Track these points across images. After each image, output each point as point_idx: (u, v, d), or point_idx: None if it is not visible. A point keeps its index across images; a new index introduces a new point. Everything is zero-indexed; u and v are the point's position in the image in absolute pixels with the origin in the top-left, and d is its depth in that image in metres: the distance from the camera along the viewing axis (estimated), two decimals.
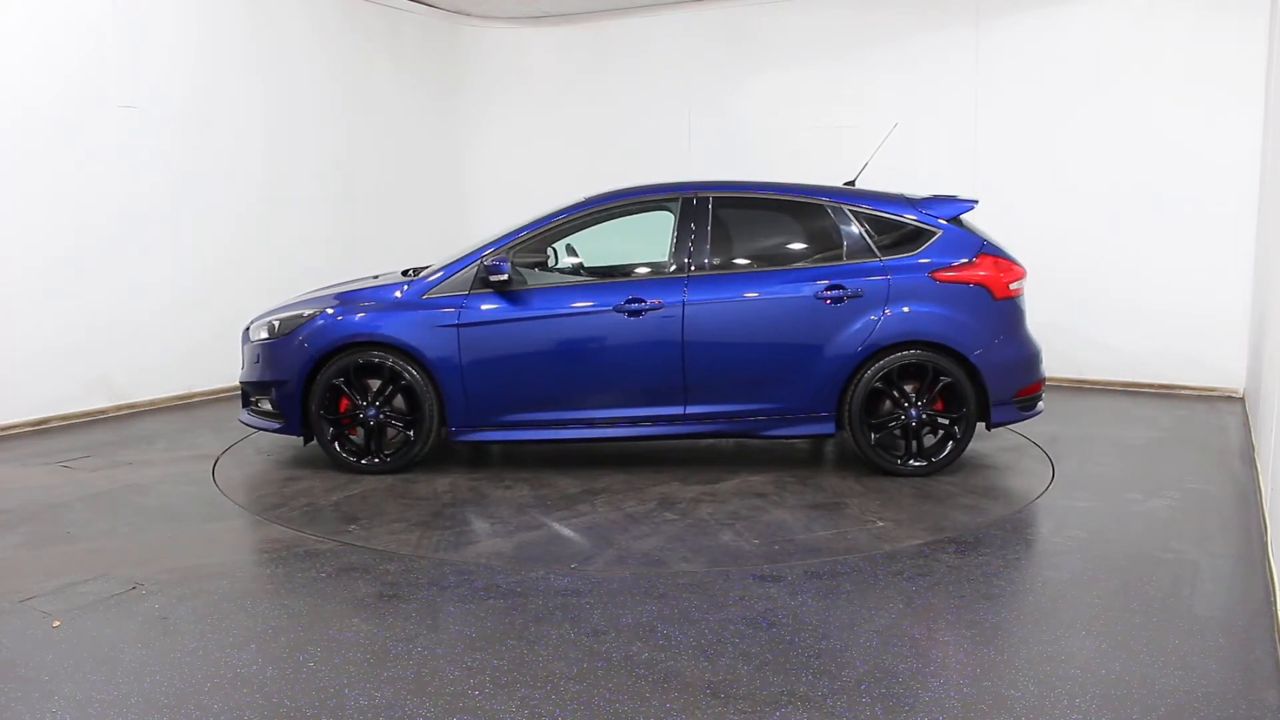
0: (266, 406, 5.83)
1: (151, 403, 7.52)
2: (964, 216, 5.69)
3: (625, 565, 4.18)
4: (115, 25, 7.09)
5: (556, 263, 6.09)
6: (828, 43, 9.01)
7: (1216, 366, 7.80)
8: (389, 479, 5.58)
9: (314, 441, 5.78)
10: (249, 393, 5.96)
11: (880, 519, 4.77)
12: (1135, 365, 8.10)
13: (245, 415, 5.97)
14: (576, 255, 6.12)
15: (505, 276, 5.47)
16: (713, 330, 5.50)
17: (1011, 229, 6.55)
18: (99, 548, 4.43)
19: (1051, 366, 5.77)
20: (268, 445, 6.35)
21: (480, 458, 6.13)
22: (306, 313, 5.77)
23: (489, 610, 3.70)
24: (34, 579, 4.02)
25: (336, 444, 5.67)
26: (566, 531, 4.70)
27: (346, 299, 5.82)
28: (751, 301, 5.51)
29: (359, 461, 5.67)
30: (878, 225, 5.58)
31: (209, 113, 7.79)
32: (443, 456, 6.10)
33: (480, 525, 4.81)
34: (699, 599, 3.79)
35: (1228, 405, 7.46)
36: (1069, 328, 7.99)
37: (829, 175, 6.12)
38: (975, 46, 8.42)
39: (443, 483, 5.53)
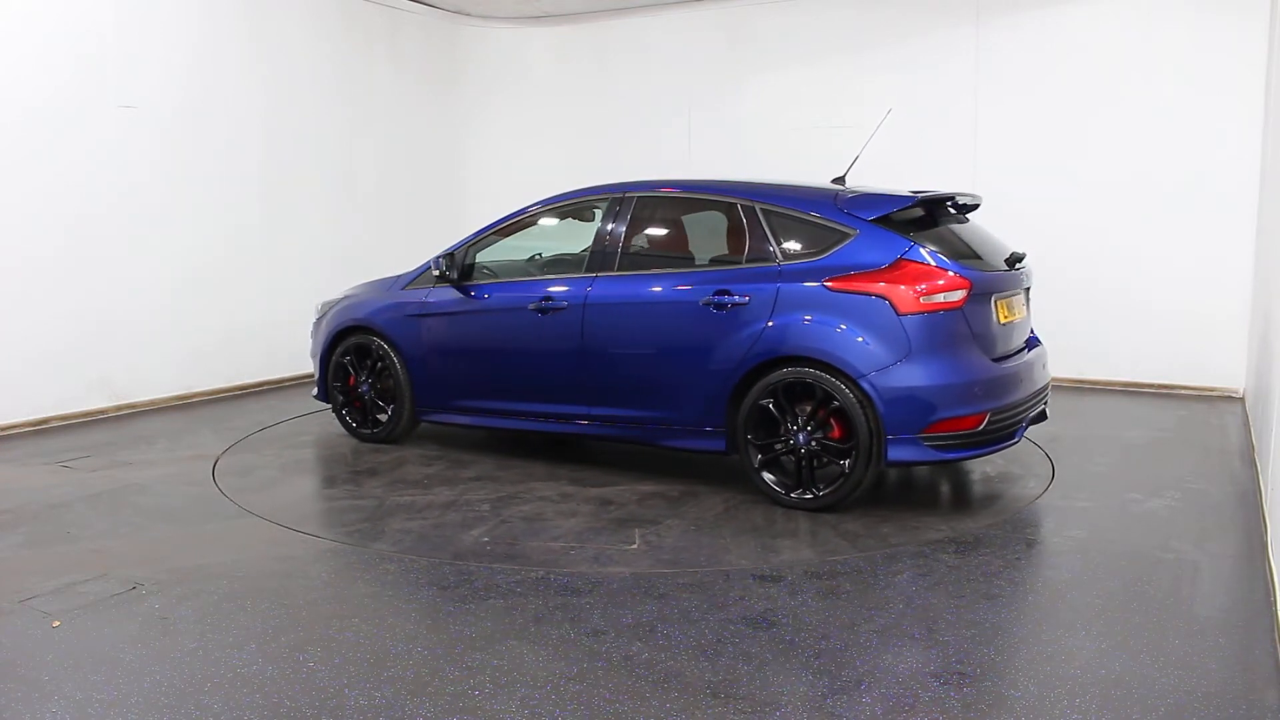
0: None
1: (151, 403, 7.51)
2: (972, 216, 5.43)
3: (350, 538, 4.53)
4: (115, 25, 7.08)
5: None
6: (828, 43, 9.01)
7: (1216, 366, 7.79)
8: (366, 447, 6.29)
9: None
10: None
11: (646, 541, 4.44)
12: (1135, 365, 8.10)
13: (315, 390, 6.71)
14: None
15: (438, 272, 5.88)
16: (607, 333, 5.34)
17: (1011, 229, 6.53)
18: (99, 548, 4.43)
19: (1052, 366, 5.74)
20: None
21: (478, 438, 6.47)
22: (337, 298, 6.61)
23: (489, 610, 3.70)
24: (34, 579, 4.02)
25: (344, 412, 6.44)
26: (369, 505, 5.03)
27: (364, 288, 6.52)
28: (643, 305, 5.26)
29: (358, 429, 6.41)
30: (788, 225, 5.01)
31: (209, 112, 7.78)
32: (440, 432, 6.61)
33: (329, 491, 5.37)
34: (699, 599, 3.79)
35: (1228, 405, 7.46)
36: (1069, 327, 7.98)
37: (829, 175, 6.10)
38: (975, 46, 8.42)
39: (395, 455, 6.07)
